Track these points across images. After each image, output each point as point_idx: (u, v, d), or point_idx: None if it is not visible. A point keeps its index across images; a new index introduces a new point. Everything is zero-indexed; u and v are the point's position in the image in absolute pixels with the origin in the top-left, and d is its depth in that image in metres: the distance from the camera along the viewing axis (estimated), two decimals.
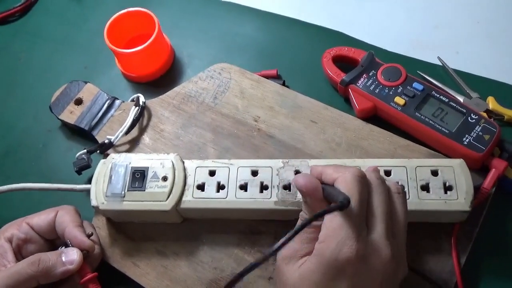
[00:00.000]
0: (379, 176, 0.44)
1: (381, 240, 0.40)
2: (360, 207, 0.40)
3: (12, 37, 0.78)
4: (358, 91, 0.60)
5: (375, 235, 0.40)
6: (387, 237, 0.40)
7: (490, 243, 0.53)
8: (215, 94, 0.63)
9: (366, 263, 0.39)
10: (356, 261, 0.39)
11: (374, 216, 0.41)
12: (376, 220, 0.41)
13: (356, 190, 0.41)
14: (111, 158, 0.55)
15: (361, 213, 0.40)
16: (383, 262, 0.40)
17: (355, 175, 0.41)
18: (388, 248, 0.40)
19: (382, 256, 0.40)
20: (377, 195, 0.42)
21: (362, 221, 0.40)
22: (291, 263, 0.42)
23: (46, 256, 0.48)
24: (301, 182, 0.42)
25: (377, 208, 0.41)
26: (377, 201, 0.42)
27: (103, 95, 0.65)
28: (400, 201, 0.44)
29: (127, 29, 0.70)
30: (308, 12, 0.74)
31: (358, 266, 0.39)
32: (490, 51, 0.67)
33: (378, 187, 0.43)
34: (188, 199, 0.52)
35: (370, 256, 0.39)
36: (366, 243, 0.39)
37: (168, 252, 0.54)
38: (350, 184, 0.41)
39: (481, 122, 0.55)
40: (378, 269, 0.39)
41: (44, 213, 0.53)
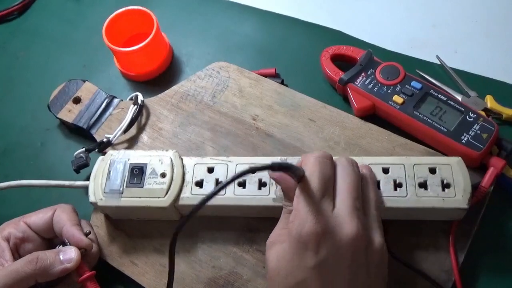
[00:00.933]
0: (349, 159, 0.46)
1: (345, 215, 0.41)
2: (320, 183, 0.42)
3: (10, 35, 0.78)
4: (356, 89, 0.60)
5: (339, 210, 0.42)
6: (353, 212, 0.42)
7: (488, 241, 0.53)
8: (214, 93, 0.63)
9: (330, 237, 0.40)
10: (319, 235, 0.40)
11: (340, 192, 0.43)
12: (341, 196, 0.43)
13: (316, 167, 0.43)
14: (110, 154, 0.55)
15: (323, 189, 0.42)
16: (349, 236, 0.40)
17: (316, 156, 0.44)
18: (354, 222, 0.41)
19: (347, 229, 0.41)
20: (343, 173, 0.44)
21: (326, 198, 0.42)
22: (274, 248, 0.44)
23: (44, 255, 0.48)
24: (272, 175, 0.46)
25: (342, 185, 0.43)
26: (342, 179, 0.44)
27: (101, 93, 0.65)
28: (370, 184, 0.46)
29: (126, 27, 0.70)
30: (306, 10, 0.74)
31: (322, 240, 0.40)
32: (488, 50, 0.67)
33: (345, 167, 0.45)
34: (187, 195, 0.52)
35: (334, 229, 0.40)
36: (329, 218, 0.41)
37: (166, 251, 0.53)
38: (311, 163, 0.44)
39: (479, 121, 0.55)
40: (345, 243, 0.40)
41: (42, 211, 0.53)
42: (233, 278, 0.52)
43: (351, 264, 0.41)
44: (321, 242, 0.40)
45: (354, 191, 0.43)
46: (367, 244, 0.42)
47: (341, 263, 0.40)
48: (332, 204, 0.42)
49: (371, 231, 0.43)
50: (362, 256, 0.41)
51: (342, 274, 0.40)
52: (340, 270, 0.40)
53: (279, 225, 0.46)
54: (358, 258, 0.41)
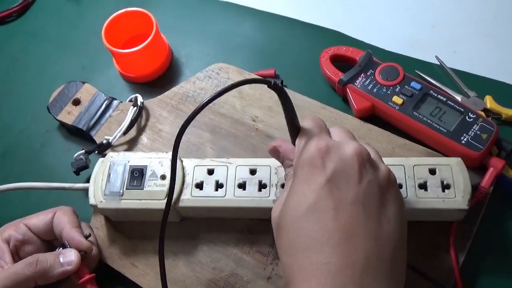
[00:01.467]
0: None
1: (345, 139, 0.42)
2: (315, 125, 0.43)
3: (10, 37, 0.78)
4: (356, 90, 0.60)
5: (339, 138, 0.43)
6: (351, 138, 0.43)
7: (488, 242, 0.53)
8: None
9: (333, 152, 0.40)
10: (323, 150, 0.40)
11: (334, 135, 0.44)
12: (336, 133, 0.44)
13: (311, 118, 0.44)
14: (110, 156, 0.55)
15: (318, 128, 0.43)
16: (352, 150, 0.40)
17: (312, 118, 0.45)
18: (354, 142, 0.41)
19: (349, 145, 0.40)
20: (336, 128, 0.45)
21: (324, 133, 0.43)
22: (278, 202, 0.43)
23: (44, 257, 0.48)
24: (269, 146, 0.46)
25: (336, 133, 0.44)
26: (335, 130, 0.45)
27: (101, 95, 0.65)
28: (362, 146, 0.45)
29: (125, 29, 0.70)
30: (306, 11, 0.74)
31: (326, 155, 0.40)
32: (487, 50, 0.67)
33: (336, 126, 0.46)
34: (187, 197, 0.52)
35: (336, 146, 0.40)
36: (329, 139, 0.41)
37: (166, 252, 0.53)
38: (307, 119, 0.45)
39: (479, 121, 0.55)
40: (349, 156, 0.40)
41: (42, 214, 0.53)
42: (233, 280, 0.52)
43: (360, 180, 0.39)
44: (326, 157, 0.39)
45: (349, 133, 0.44)
46: (373, 165, 0.41)
47: (350, 178, 0.39)
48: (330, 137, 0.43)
49: (375, 157, 0.42)
50: (370, 174, 0.40)
51: (353, 189, 0.38)
52: (350, 185, 0.39)
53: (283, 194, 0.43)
54: (367, 175, 0.39)
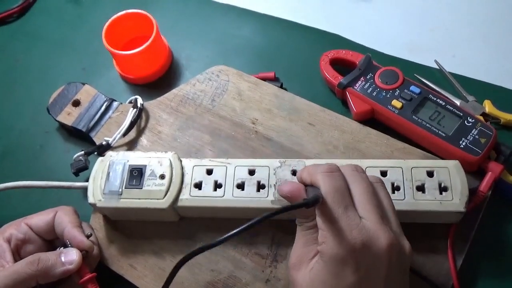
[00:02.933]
0: (354, 167, 0.45)
1: (376, 226, 0.40)
2: (339, 198, 0.41)
3: (10, 38, 0.78)
4: (355, 94, 0.61)
5: (367, 221, 0.40)
6: (380, 220, 0.40)
7: (486, 245, 0.53)
8: (213, 96, 0.63)
9: (367, 251, 0.39)
10: (357, 251, 0.39)
11: (360, 203, 0.41)
12: (363, 206, 0.41)
13: (329, 184, 0.41)
14: (109, 155, 0.55)
15: (343, 203, 0.41)
16: (385, 246, 0.39)
17: (324, 171, 0.42)
18: (385, 231, 0.40)
19: (382, 240, 0.39)
20: (356, 184, 0.43)
21: (349, 211, 0.40)
22: (302, 269, 0.42)
23: (45, 256, 0.48)
24: (285, 190, 0.44)
25: (360, 196, 0.42)
26: (358, 190, 0.42)
27: (101, 96, 0.65)
28: (382, 188, 0.44)
29: (125, 31, 0.70)
30: (306, 15, 0.74)
31: (360, 255, 0.39)
32: (486, 54, 0.67)
33: (355, 177, 0.43)
34: (185, 197, 0.52)
35: (369, 242, 0.39)
36: (362, 231, 0.39)
37: (165, 254, 0.54)
38: (322, 180, 0.42)
39: (477, 126, 0.55)
40: (382, 254, 0.39)
41: (43, 213, 0.53)
42: (231, 282, 0.52)
43: (388, 274, 0.40)
44: (359, 258, 0.39)
45: (373, 199, 0.42)
46: (399, 251, 0.41)
47: (380, 275, 0.39)
48: (357, 215, 0.40)
49: (399, 237, 0.41)
50: (396, 264, 0.40)
51: (380, 284, 0.40)
52: (378, 282, 0.39)
53: (298, 244, 0.44)
54: (394, 267, 0.40)
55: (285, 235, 0.53)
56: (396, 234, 0.41)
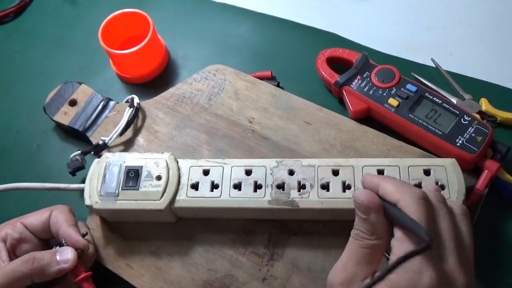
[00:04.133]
0: (441, 197, 0.42)
1: (456, 269, 0.37)
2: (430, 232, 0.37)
3: (7, 38, 0.78)
4: (352, 92, 0.61)
5: (449, 264, 0.38)
6: (461, 265, 0.38)
7: (482, 243, 0.53)
8: (210, 96, 0.63)
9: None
10: None
11: (444, 243, 0.38)
12: (447, 248, 0.38)
13: (423, 215, 0.38)
14: (105, 157, 0.55)
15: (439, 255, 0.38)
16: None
17: (419, 198, 0.39)
18: (464, 277, 0.37)
19: (460, 285, 0.37)
20: (442, 219, 0.40)
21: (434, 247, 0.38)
22: None
23: (40, 255, 0.48)
24: (361, 197, 0.40)
25: (444, 234, 0.39)
26: (443, 226, 0.39)
27: (97, 96, 0.65)
28: (465, 223, 0.41)
29: (122, 30, 0.70)
30: (302, 13, 0.74)
31: None
32: (483, 53, 0.67)
33: (442, 210, 0.40)
34: (182, 198, 0.52)
35: (447, 285, 0.37)
36: (442, 273, 0.37)
37: (162, 254, 0.54)
38: (417, 208, 0.38)
39: (474, 124, 0.56)
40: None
41: (39, 213, 0.53)
42: (228, 281, 0.52)
43: None
44: None
45: (456, 238, 0.39)
46: None
47: None
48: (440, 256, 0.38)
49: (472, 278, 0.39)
50: None
51: None
52: None
53: (350, 260, 0.40)
54: None
55: (281, 234, 0.53)
56: (471, 277, 0.38)
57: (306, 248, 0.52)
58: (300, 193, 0.51)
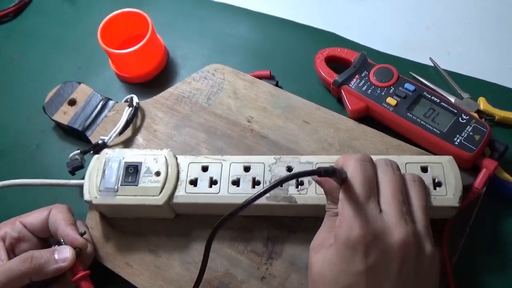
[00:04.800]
0: (389, 162, 0.45)
1: (394, 219, 0.40)
2: (364, 185, 0.41)
3: (6, 37, 0.78)
4: (350, 91, 0.61)
5: (387, 214, 0.40)
6: (401, 216, 0.40)
7: (481, 242, 0.53)
8: (209, 95, 0.63)
9: (380, 241, 0.39)
10: (369, 239, 0.39)
11: (384, 195, 0.42)
12: (386, 199, 0.42)
13: (358, 169, 0.42)
14: (105, 153, 0.55)
15: (367, 191, 0.41)
16: (399, 242, 0.39)
17: (357, 158, 0.43)
18: (403, 228, 0.40)
19: (397, 235, 0.39)
20: (386, 177, 0.43)
21: (371, 200, 0.41)
22: (320, 252, 0.42)
23: (38, 253, 0.48)
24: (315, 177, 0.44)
25: (386, 189, 0.42)
26: (385, 183, 0.43)
27: (96, 95, 0.65)
28: (416, 188, 0.44)
29: (121, 30, 0.70)
30: (301, 13, 0.74)
31: (372, 244, 0.39)
32: (481, 52, 0.67)
33: (387, 171, 0.44)
34: (181, 194, 0.52)
35: (384, 234, 0.39)
36: (377, 221, 0.40)
37: (161, 252, 0.54)
38: (352, 165, 0.42)
39: (472, 123, 0.56)
40: (395, 249, 0.39)
41: (38, 211, 0.53)
42: (227, 280, 0.52)
43: (399, 271, 0.39)
44: (370, 247, 0.39)
45: (399, 194, 0.42)
46: (417, 251, 0.40)
47: (390, 270, 0.39)
48: (378, 207, 0.41)
49: (421, 238, 0.41)
50: (411, 263, 0.40)
51: (390, 281, 0.39)
52: (388, 277, 0.39)
53: (323, 228, 0.45)
54: (408, 266, 0.40)
55: (280, 232, 0.53)
56: (416, 235, 0.40)
57: (304, 246, 0.52)
58: (298, 189, 0.51)
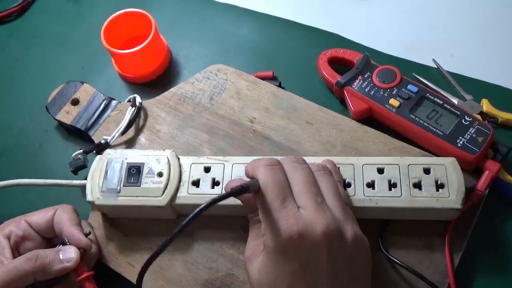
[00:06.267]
0: (294, 158, 0.46)
1: (312, 213, 0.41)
2: (277, 189, 0.42)
3: (9, 37, 0.78)
4: (353, 93, 0.61)
5: (305, 210, 0.42)
6: (318, 207, 0.42)
7: (483, 244, 0.53)
8: (211, 95, 0.63)
9: (305, 239, 0.40)
10: (295, 240, 0.40)
11: (298, 193, 0.43)
12: (301, 196, 0.43)
13: (268, 175, 0.43)
14: (107, 153, 0.55)
15: (281, 194, 0.42)
16: (321, 232, 0.40)
17: (264, 164, 0.44)
18: (322, 217, 0.41)
19: (318, 227, 0.40)
20: (295, 174, 0.44)
21: (287, 201, 0.42)
22: (254, 261, 0.44)
23: (43, 253, 0.48)
24: (231, 185, 0.44)
25: (298, 185, 0.43)
26: (296, 180, 0.44)
27: (99, 95, 0.65)
28: (324, 176, 0.46)
29: (124, 29, 0.70)
30: (304, 14, 0.74)
31: (298, 243, 0.40)
32: (484, 53, 0.67)
33: (294, 168, 0.45)
34: (183, 195, 0.52)
35: (306, 230, 0.40)
36: (298, 220, 0.41)
37: (163, 252, 0.54)
38: (262, 173, 0.43)
39: (475, 124, 0.56)
40: (319, 241, 0.40)
41: (43, 211, 0.53)
42: (229, 280, 0.52)
43: (329, 258, 0.41)
44: (298, 246, 0.40)
45: (311, 187, 0.44)
46: (339, 236, 0.42)
47: (320, 261, 0.41)
48: (295, 205, 0.42)
49: (340, 222, 0.42)
50: (338, 248, 0.41)
51: (323, 270, 0.41)
52: (322, 268, 0.41)
53: (250, 238, 0.46)
54: (335, 251, 0.41)
55: None
56: (336, 220, 0.42)
57: None
58: None
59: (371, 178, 0.51)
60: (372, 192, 0.50)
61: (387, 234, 0.52)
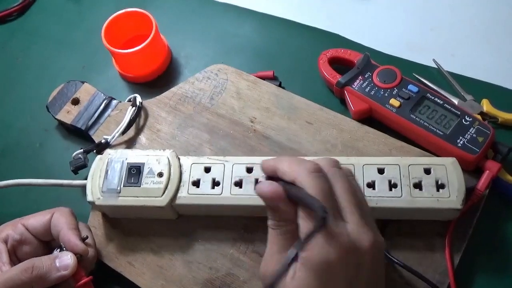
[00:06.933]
0: (332, 162, 0.43)
1: (359, 228, 0.39)
2: (327, 204, 0.39)
3: (10, 36, 0.78)
4: (353, 92, 0.61)
5: (352, 224, 0.39)
6: (363, 222, 0.40)
7: (483, 244, 0.53)
8: (212, 95, 0.63)
9: (353, 254, 0.39)
10: (344, 256, 0.38)
11: (344, 206, 0.40)
12: (347, 209, 0.40)
13: (316, 186, 0.39)
14: (107, 153, 0.55)
15: (331, 209, 0.39)
16: (368, 247, 0.39)
17: (311, 172, 0.40)
18: (368, 232, 0.39)
19: (365, 242, 0.39)
20: (338, 184, 0.41)
21: (336, 216, 0.40)
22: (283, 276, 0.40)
23: (40, 262, 0.47)
24: (266, 190, 0.41)
25: (342, 197, 0.41)
26: (340, 190, 0.41)
27: (100, 95, 0.65)
28: (356, 183, 0.44)
29: (125, 29, 0.70)
30: (305, 14, 0.74)
31: (347, 261, 0.38)
32: (485, 54, 0.67)
33: (336, 176, 0.42)
34: (183, 195, 0.52)
35: (354, 246, 0.39)
36: (348, 237, 0.39)
37: (163, 252, 0.54)
38: (309, 182, 0.40)
39: (475, 124, 0.56)
40: (366, 255, 0.39)
41: (40, 214, 0.52)
42: (229, 280, 0.52)
43: (371, 269, 0.40)
44: (346, 262, 0.38)
45: (353, 198, 0.41)
46: (380, 249, 0.41)
47: (364, 273, 0.39)
48: (343, 219, 0.40)
49: (379, 236, 0.41)
50: (378, 259, 0.41)
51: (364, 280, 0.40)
52: (364, 279, 0.40)
53: (273, 250, 0.41)
54: (376, 262, 0.40)
55: None
56: (374, 231, 0.41)
57: None
58: None
59: (372, 178, 0.51)
60: (372, 192, 0.50)
61: (387, 234, 0.52)
